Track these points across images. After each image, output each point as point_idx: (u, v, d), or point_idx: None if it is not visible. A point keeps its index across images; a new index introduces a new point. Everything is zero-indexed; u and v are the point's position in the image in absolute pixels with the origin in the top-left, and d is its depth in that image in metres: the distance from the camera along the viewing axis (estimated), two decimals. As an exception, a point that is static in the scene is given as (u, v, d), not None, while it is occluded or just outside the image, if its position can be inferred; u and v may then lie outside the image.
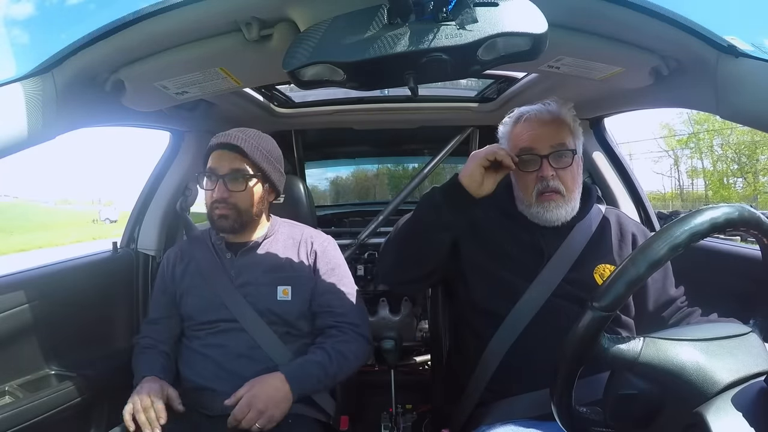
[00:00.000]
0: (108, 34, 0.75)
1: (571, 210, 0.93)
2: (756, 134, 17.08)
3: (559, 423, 0.59)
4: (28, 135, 0.75)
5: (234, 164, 1.04)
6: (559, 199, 0.92)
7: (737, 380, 0.51)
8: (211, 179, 1.05)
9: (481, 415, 0.89)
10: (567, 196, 0.92)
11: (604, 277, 0.90)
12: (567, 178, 0.92)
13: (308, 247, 1.15)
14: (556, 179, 0.91)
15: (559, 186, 0.91)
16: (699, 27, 0.74)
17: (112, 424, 0.96)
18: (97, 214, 39.16)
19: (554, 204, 0.92)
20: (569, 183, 0.92)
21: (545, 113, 0.94)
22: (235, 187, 1.04)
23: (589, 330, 0.54)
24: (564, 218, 0.93)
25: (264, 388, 0.95)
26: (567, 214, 0.93)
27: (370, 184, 3.07)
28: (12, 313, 1.01)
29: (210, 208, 1.06)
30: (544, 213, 0.92)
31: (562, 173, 0.91)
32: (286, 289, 1.07)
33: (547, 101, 0.97)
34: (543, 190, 0.91)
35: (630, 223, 1.01)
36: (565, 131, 0.93)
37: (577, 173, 0.95)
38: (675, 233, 0.53)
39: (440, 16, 0.62)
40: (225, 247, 1.11)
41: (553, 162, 0.91)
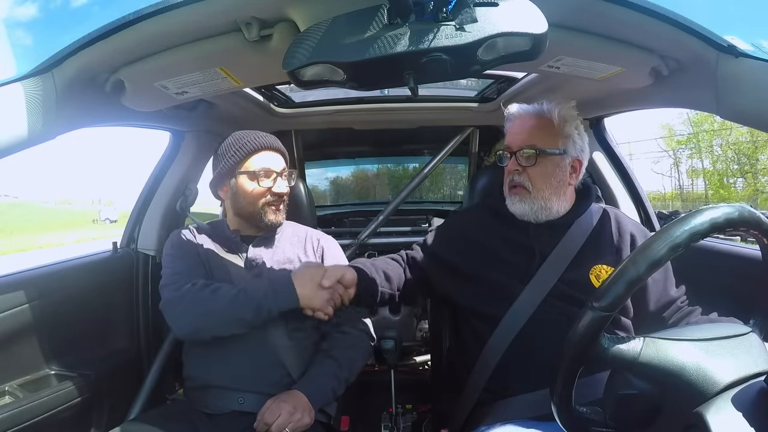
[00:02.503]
0: (108, 34, 0.75)
1: (541, 208, 0.95)
2: (756, 134, 17.07)
3: (559, 423, 0.59)
4: (28, 135, 0.75)
5: (283, 163, 1.12)
6: (524, 193, 0.95)
7: (737, 380, 0.51)
8: (268, 176, 1.08)
9: (481, 415, 0.89)
10: (533, 193, 0.95)
11: (600, 278, 0.91)
12: (534, 175, 0.95)
13: (314, 244, 1.19)
14: (522, 175, 0.95)
15: (524, 181, 0.95)
16: (699, 27, 0.74)
17: (112, 424, 0.96)
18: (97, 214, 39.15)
19: (518, 198, 0.96)
20: (536, 181, 0.95)
21: (530, 112, 0.98)
22: (287, 183, 1.11)
23: (589, 330, 0.54)
24: (530, 214, 0.96)
25: (289, 398, 0.97)
26: (534, 211, 0.95)
27: (370, 184, 3.07)
28: (12, 313, 1.01)
29: (262, 204, 1.09)
30: (512, 205, 0.98)
31: (531, 170, 0.95)
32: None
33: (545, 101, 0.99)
34: (510, 184, 0.98)
35: (629, 223, 1.01)
36: (544, 132, 0.96)
37: (549, 173, 0.95)
38: (675, 233, 0.53)
39: (440, 16, 0.62)
40: (240, 239, 1.13)
41: (520, 159, 0.96)
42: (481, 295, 0.96)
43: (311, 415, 0.97)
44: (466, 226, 1.06)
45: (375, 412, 1.57)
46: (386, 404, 1.52)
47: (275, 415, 0.92)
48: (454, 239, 1.06)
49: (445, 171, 3.02)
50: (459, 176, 2.92)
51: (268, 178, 1.08)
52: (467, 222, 1.08)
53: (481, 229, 1.03)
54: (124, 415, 1.18)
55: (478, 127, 1.95)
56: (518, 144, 0.96)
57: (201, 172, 1.52)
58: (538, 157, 0.94)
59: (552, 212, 0.96)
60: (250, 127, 1.16)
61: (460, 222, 1.10)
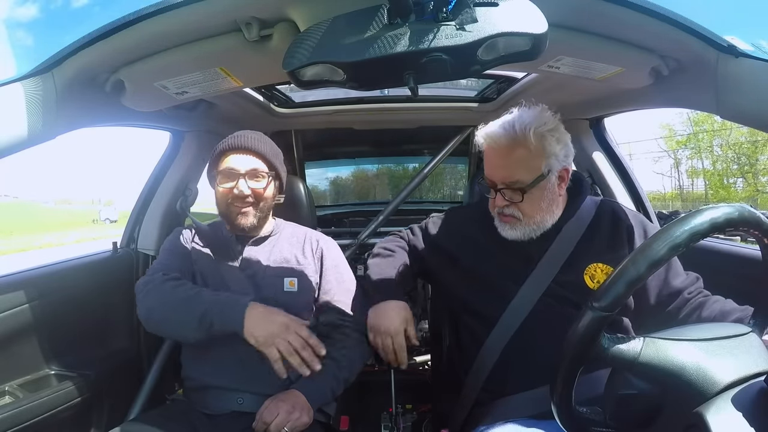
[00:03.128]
0: (108, 34, 0.75)
1: (533, 230, 0.93)
2: (756, 134, 17.07)
3: (559, 423, 0.59)
4: (28, 135, 0.75)
5: (253, 164, 1.08)
6: (515, 222, 0.93)
7: (737, 380, 0.51)
8: (231, 178, 1.07)
9: (480, 415, 0.89)
10: (525, 221, 0.92)
11: (594, 278, 0.90)
12: (524, 206, 0.91)
13: (313, 245, 1.18)
14: (511, 207, 0.92)
15: (515, 212, 0.92)
16: (699, 27, 0.74)
17: (112, 424, 0.96)
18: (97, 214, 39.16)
19: (509, 226, 0.94)
20: (526, 210, 0.92)
21: (502, 139, 0.90)
22: (255, 185, 1.08)
23: (589, 330, 0.54)
24: (523, 236, 0.94)
25: (287, 397, 0.97)
26: (527, 234, 0.93)
27: (370, 184, 3.07)
28: (12, 313, 1.01)
29: (227, 206, 1.09)
30: (502, 231, 0.95)
31: (519, 204, 0.91)
32: (292, 281, 1.10)
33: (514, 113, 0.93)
34: (499, 213, 0.95)
35: (626, 214, 0.99)
36: (524, 162, 0.89)
37: (539, 199, 0.91)
38: (675, 233, 0.53)
39: (440, 16, 0.62)
40: (236, 239, 1.13)
41: (507, 194, 0.92)
42: (477, 291, 0.96)
43: (309, 414, 0.96)
44: (465, 223, 1.06)
45: (375, 412, 1.57)
46: (386, 404, 1.52)
47: (273, 414, 0.92)
48: (453, 233, 1.06)
49: (445, 171, 3.02)
50: (459, 176, 2.92)
51: (231, 180, 1.07)
52: (466, 219, 1.07)
53: (478, 228, 1.02)
54: (124, 415, 1.18)
55: (478, 127, 1.95)
56: (500, 180, 0.92)
57: (201, 172, 1.52)
58: (525, 193, 0.90)
59: (546, 226, 0.94)
60: (250, 127, 1.16)
61: (459, 218, 1.10)
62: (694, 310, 0.90)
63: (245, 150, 1.08)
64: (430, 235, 1.10)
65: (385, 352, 0.97)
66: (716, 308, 0.87)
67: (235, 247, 1.13)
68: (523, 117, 0.91)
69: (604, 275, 0.90)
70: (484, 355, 0.91)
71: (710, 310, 0.87)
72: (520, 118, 0.91)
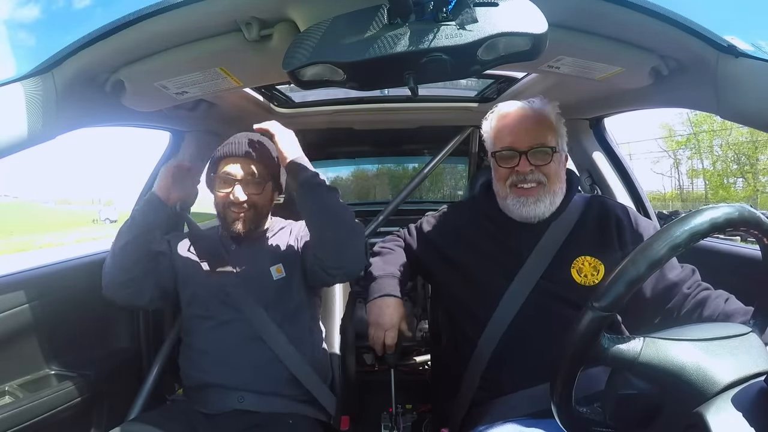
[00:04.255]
0: (108, 34, 0.75)
1: (550, 204, 0.94)
2: (756, 134, 17.07)
3: (559, 423, 0.59)
4: (28, 135, 0.75)
5: (249, 169, 1.09)
6: (540, 190, 0.93)
7: (737, 380, 0.51)
8: (227, 184, 1.08)
9: (479, 415, 0.89)
10: (549, 186, 0.93)
11: (582, 271, 0.91)
12: (549, 171, 0.93)
13: (299, 228, 1.20)
14: (537, 172, 0.92)
15: (541, 177, 0.93)
16: (699, 27, 0.74)
17: (112, 424, 0.96)
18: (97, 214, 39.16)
19: (533, 198, 0.93)
20: (552, 175, 0.93)
21: (528, 110, 0.95)
22: (256, 190, 1.09)
23: (588, 330, 0.54)
24: (543, 213, 0.94)
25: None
26: (546, 208, 0.93)
27: (370, 184, 3.07)
28: (12, 313, 1.01)
29: (224, 210, 1.09)
30: (521, 207, 0.94)
31: (545, 168, 0.93)
32: (279, 267, 1.11)
33: (531, 99, 0.98)
34: (517, 182, 0.93)
35: (614, 207, 1.00)
36: (546, 129, 0.94)
37: (559, 170, 0.95)
38: (675, 233, 0.53)
39: (440, 16, 0.62)
40: (230, 239, 1.14)
41: (532, 159, 0.92)
42: (469, 288, 0.97)
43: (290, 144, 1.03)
44: (460, 221, 1.07)
45: (375, 412, 1.56)
46: (386, 404, 1.52)
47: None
48: (445, 230, 1.08)
49: (445, 171, 3.02)
50: (459, 176, 2.92)
51: (227, 186, 1.08)
52: (461, 216, 1.08)
53: (472, 226, 1.03)
54: (124, 415, 1.18)
55: (478, 127, 1.95)
56: (528, 143, 0.92)
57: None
58: (555, 153, 0.93)
59: (555, 206, 0.96)
60: (250, 127, 1.16)
61: (455, 215, 1.11)
62: (695, 306, 0.87)
63: (242, 156, 1.08)
64: (424, 234, 1.12)
65: (377, 344, 1.02)
66: (718, 308, 0.85)
67: (229, 246, 1.13)
68: (536, 100, 0.97)
69: (591, 268, 0.91)
70: (478, 353, 0.92)
71: (712, 310, 0.85)
72: (539, 100, 0.97)
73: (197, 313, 1.08)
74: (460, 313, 1.01)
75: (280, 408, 1.02)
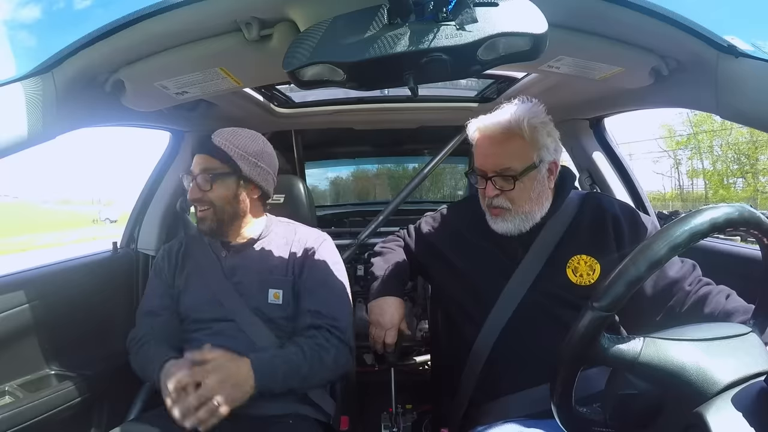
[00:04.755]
0: (108, 34, 0.75)
1: (522, 221, 0.93)
2: (756, 134, 17.07)
3: (559, 423, 0.59)
4: (28, 135, 0.75)
5: (204, 164, 1.03)
6: (506, 214, 0.93)
7: (737, 380, 0.51)
8: (187, 180, 1.06)
9: (478, 415, 0.89)
10: (514, 209, 0.92)
11: (577, 271, 0.91)
12: (513, 196, 0.92)
13: (301, 246, 1.11)
14: (501, 197, 0.92)
15: (503, 203, 0.92)
16: (699, 27, 0.74)
17: (112, 424, 0.96)
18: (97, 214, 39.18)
19: (501, 219, 0.94)
20: (516, 200, 0.92)
21: (496, 128, 0.92)
22: (205, 186, 1.03)
23: (588, 330, 0.54)
24: (513, 230, 0.93)
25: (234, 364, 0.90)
26: (517, 226, 0.93)
27: (370, 184, 3.07)
28: (12, 313, 1.01)
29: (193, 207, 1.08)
30: (494, 224, 0.95)
31: (509, 193, 0.91)
32: (277, 293, 1.05)
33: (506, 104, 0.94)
34: (488, 205, 0.95)
35: (610, 204, 0.98)
36: (514, 150, 0.90)
37: (528, 189, 0.92)
38: (675, 233, 0.53)
39: (440, 16, 0.62)
40: (220, 245, 1.11)
41: (498, 182, 0.92)
42: (466, 288, 0.98)
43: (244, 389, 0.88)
44: (457, 221, 1.06)
45: (375, 412, 1.57)
46: (386, 404, 1.52)
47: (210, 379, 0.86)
48: (443, 231, 1.08)
49: (445, 171, 3.02)
50: (459, 176, 2.92)
51: (188, 181, 1.06)
52: (458, 217, 1.08)
53: (467, 225, 1.03)
54: (124, 415, 1.18)
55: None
56: (491, 168, 0.92)
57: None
58: (516, 181, 0.90)
59: (535, 219, 0.94)
60: (250, 127, 1.16)
61: (450, 216, 1.11)
62: (696, 303, 0.86)
63: (200, 153, 1.05)
64: (423, 234, 1.12)
65: (377, 343, 1.04)
66: (719, 306, 0.84)
67: (221, 254, 1.10)
68: (517, 109, 0.93)
69: (587, 267, 0.91)
70: (475, 353, 0.92)
71: (712, 307, 0.84)
72: (513, 110, 0.93)
73: (193, 319, 1.07)
74: (457, 313, 1.01)
75: (279, 409, 1.02)
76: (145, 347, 1.05)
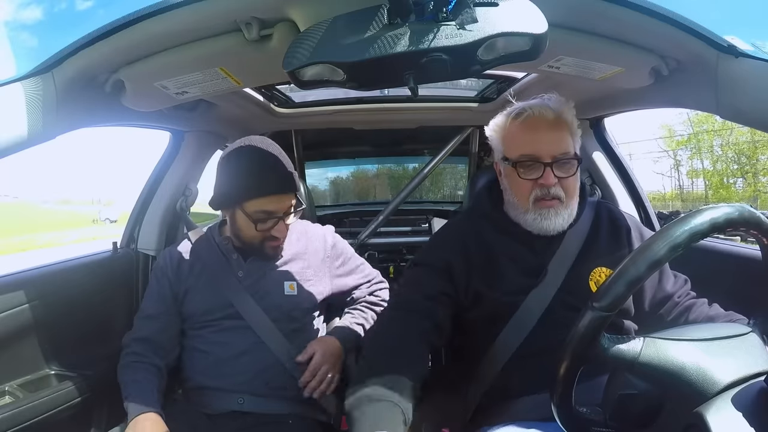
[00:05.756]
0: (108, 34, 0.75)
1: (569, 217, 0.88)
2: (756, 134, 17.07)
3: (559, 423, 0.59)
4: (28, 135, 0.75)
5: (288, 201, 1.05)
6: (559, 205, 0.87)
7: (737, 380, 0.51)
8: (268, 219, 1.03)
9: (482, 417, 0.88)
10: (566, 202, 0.87)
11: (599, 284, 0.86)
12: (570, 185, 0.87)
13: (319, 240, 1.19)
14: (558, 186, 0.86)
15: (560, 193, 0.86)
16: (699, 27, 0.74)
17: (112, 424, 0.96)
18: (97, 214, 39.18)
19: (553, 211, 0.87)
20: (571, 190, 0.87)
21: (548, 113, 0.87)
22: (290, 221, 1.07)
23: (588, 330, 0.54)
24: (561, 226, 0.88)
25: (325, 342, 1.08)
26: (564, 221, 0.88)
27: (370, 184, 3.07)
28: (12, 313, 1.01)
29: (261, 242, 1.06)
30: (542, 221, 0.87)
31: (566, 181, 0.86)
32: (292, 284, 1.09)
33: (547, 96, 0.91)
34: (542, 197, 0.86)
35: (622, 217, 0.98)
36: (567, 135, 0.87)
37: (577, 180, 0.90)
38: (675, 233, 0.53)
39: (440, 16, 0.62)
40: (232, 247, 1.11)
41: (557, 170, 0.85)
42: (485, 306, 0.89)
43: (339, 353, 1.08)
44: (466, 241, 0.92)
45: (375, 412, 1.56)
46: (386, 404, 1.52)
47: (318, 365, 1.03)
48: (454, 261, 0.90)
49: (445, 171, 3.02)
50: (459, 176, 2.92)
51: (268, 222, 1.03)
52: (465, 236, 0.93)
53: (482, 244, 0.91)
54: (125, 415, 1.18)
55: (478, 127, 1.95)
56: (552, 152, 0.84)
57: (201, 172, 1.52)
58: (579, 164, 0.86)
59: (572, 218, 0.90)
60: (250, 127, 1.16)
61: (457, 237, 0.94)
62: (682, 312, 0.92)
63: (282, 193, 1.03)
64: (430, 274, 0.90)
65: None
66: (702, 313, 0.90)
67: (232, 255, 1.10)
68: (555, 99, 0.90)
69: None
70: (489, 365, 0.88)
71: (696, 314, 0.90)
72: (553, 100, 0.90)
73: (200, 320, 1.07)
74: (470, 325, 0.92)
75: (280, 409, 1.02)
76: (134, 367, 1.03)
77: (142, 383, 0.99)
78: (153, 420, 0.93)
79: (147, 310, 1.10)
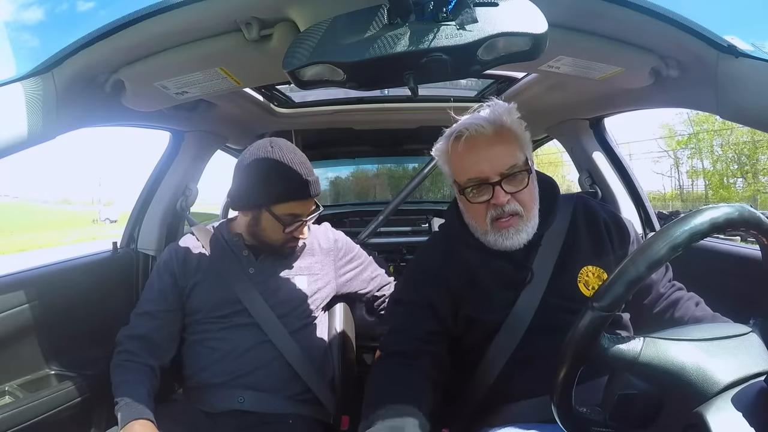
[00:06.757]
0: (108, 34, 0.75)
1: (532, 228, 0.85)
2: (756, 134, 17.07)
3: (559, 423, 0.59)
4: (28, 135, 0.75)
5: (311, 206, 1.10)
6: (519, 222, 0.84)
7: (737, 380, 0.51)
8: (293, 221, 1.05)
9: (481, 419, 0.88)
10: (526, 215, 0.84)
11: (589, 284, 0.86)
12: (525, 197, 0.84)
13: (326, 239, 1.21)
14: (513, 202, 0.83)
15: (517, 208, 0.83)
16: (699, 27, 0.74)
17: (112, 424, 0.96)
18: (97, 214, 39.20)
19: (514, 230, 0.84)
20: (528, 202, 0.84)
21: (486, 128, 0.83)
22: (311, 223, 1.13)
23: (588, 330, 0.54)
24: (527, 240, 0.85)
25: None
26: (528, 234, 0.85)
27: (370, 184, 3.07)
28: (12, 313, 1.01)
29: (282, 243, 1.08)
30: (504, 241, 0.84)
31: (519, 195, 0.83)
32: (302, 280, 1.12)
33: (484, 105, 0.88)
34: (498, 216, 0.83)
35: (598, 209, 0.95)
36: (512, 145, 0.83)
37: (535, 187, 0.86)
38: (675, 233, 0.53)
39: (440, 16, 0.62)
40: (242, 245, 1.12)
41: (507, 186, 0.82)
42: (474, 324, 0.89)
43: None
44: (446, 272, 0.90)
45: (375, 412, 1.56)
46: (386, 404, 1.52)
47: None
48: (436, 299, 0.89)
49: (445, 171, 3.01)
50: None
51: (293, 225, 1.05)
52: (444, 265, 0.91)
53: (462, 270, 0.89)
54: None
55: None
56: (496, 170, 0.82)
57: (201, 172, 1.52)
58: (530, 175, 0.83)
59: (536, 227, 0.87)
60: (250, 127, 1.16)
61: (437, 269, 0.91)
62: (668, 307, 0.92)
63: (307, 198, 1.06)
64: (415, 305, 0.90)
65: None
66: (689, 312, 0.90)
67: (242, 252, 1.11)
68: (493, 107, 0.86)
69: (596, 279, 0.87)
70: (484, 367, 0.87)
71: (682, 312, 0.90)
72: (490, 109, 0.86)
73: (206, 315, 1.07)
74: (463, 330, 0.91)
75: (280, 408, 1.02)
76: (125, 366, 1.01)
77: (132, 385, 0.97)
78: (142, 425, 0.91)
79: (145, 307, 1.08)
